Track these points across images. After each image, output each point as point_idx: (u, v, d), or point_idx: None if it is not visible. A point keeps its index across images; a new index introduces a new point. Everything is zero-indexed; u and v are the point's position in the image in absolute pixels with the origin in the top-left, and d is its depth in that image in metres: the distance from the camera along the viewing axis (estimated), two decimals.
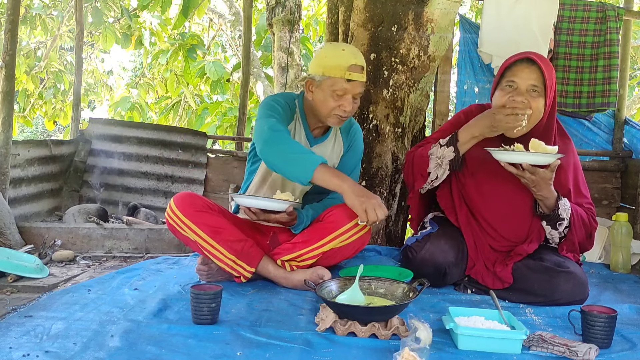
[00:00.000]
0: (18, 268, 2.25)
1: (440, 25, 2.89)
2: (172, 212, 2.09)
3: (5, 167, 3.10)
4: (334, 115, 2.16)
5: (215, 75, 6.94)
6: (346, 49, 2.16)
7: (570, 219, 2.07)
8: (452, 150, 2.11)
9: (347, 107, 2.13)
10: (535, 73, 2.05)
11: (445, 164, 2.13)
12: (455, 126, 2.25)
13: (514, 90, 2.07)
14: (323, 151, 2.29)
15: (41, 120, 10.97)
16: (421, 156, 2.19)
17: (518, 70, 2.07)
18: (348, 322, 1.64)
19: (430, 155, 2.16)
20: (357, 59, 2.13)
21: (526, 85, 2.05)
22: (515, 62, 2.10)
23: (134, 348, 1.50)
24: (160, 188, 4.16)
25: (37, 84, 7.68)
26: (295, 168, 1.99)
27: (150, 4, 6.10)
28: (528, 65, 2.07)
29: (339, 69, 2.10)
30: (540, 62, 2.06)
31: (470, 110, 2.33)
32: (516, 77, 2.07)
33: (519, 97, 2.04)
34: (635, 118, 7.07)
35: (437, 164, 2.15)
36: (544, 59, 2.10)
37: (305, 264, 2.14)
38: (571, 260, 2.13)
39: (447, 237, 2.16)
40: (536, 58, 2.07)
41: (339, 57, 2.12)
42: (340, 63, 2.10)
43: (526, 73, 2.06)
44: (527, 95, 2.05)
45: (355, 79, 2.11)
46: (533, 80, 2.05)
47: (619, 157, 3.60)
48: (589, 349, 1.52)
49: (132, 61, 12.81)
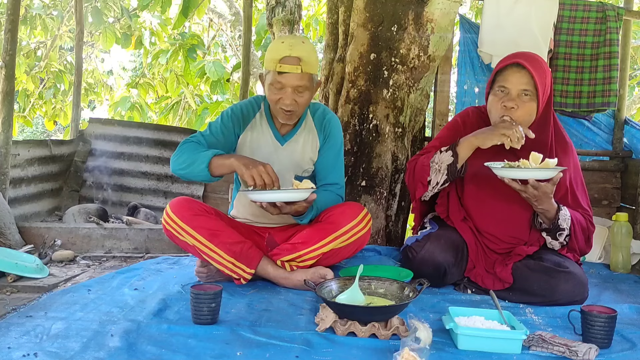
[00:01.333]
0: (18, 268, 2.25)
1: (440, 25, 2.89)
2: (169, 218, 2.08)
3: (5, 167, 3.10)
4: (279, 109, 2.13)
5: (215, 75, 6.93)
6: (286, 40, 2.09)
7: (571, 227, 2.08)
8: (451, 155, 2.10)
9: (286, 100, 2.09)
10: (525, 77, 2.06)
11: (443, 169, 2.13)
12: (452, 131, 2.26)
13: (505, 95, 2.07)
14: (295, 147, 2.26)
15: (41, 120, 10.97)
16: (422, 165, 2.18)
17: (508, 75, 2.08)
18: (348, 322, 1.64)
19: (431, 164, 2.15)
20: (293, 51, 2.06)
21: (517, 90, 2.06)
22: (506, 66, 2.09)
23: (134, 348, 1.50)
24: (160, 188, 4.16)
25: (37, 84, 7.67)
26: (194, 168, 2.03)
27: (150, 4, 6.09)
28: (518, 70, 2.07)
29: (272, 62, 2.07)
30: (529, 67, 2.05)
31: (467, 114, 2.33)
32: (507, 82, 2.07)
33: (510, 103, 2.05)
34: (635, 118, 7.07)
35: (436, 169, 2.15)
36: (534, 62, 2.08)
37: (305, 265, 2.13)
38: (571, 260, 2.13)
39: (447, 237, 2.16)
40: (525, 62, 2.06)
41: (274, 49, 2.09)
42: (274, 56, 2.07)
43: (516, 78, 2.06)
44: (519, 100, 2.06)
45: (286, 70, 2.05)
46: (524, 85, 2.06)
47: (619, 157, 3.59)
48: (589, 349, 1.52)
49: (132, 61, 12.79)
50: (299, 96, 2.11)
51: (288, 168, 2.23)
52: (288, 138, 2.26)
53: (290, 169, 2.23)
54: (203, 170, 2.02)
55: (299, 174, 2.26)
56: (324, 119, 2.30)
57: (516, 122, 2.02)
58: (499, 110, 2.08)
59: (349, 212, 2.14)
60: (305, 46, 2.10)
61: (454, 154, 2.10)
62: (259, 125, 2.26)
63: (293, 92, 2.09)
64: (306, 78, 2.10)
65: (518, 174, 1.93)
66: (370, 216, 2.19)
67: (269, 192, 1.93)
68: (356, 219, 2.13)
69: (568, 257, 2.14)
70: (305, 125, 2.29)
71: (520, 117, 2.06)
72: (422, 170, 2.18)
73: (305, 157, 2.27)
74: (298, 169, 2.26)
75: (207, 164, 2.01)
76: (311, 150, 2.29)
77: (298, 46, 2.07)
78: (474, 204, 2.21)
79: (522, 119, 2.07)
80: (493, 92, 2.13)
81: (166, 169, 4.18)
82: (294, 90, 2.09)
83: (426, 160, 2.17)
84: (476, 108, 2.37)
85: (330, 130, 2.29)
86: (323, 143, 2.29)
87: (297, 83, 2.08)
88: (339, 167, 2.33)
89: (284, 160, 2.24)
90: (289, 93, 2.08)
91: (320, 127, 2.29)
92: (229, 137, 2.22)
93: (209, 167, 2.02)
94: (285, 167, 2.22)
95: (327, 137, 2.29)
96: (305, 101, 2.14)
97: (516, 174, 1.93)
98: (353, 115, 2.97)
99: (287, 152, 2.25)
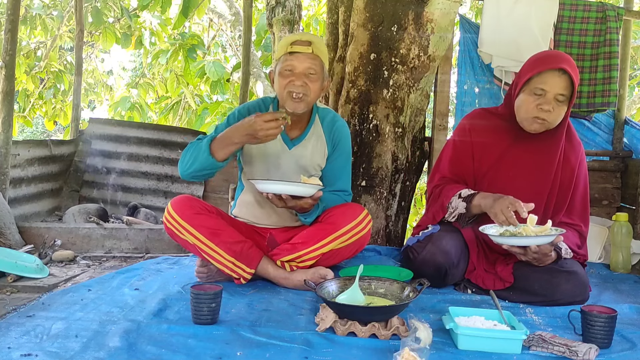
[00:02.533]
0: (18, 268, 2.25)
1: (440, 25, 2.89)
2: (170, 216, 2.08)
3: (5, 167, 3.10)
4: (287, 94, 2.12)
5: (215, 75, 6.92)
6: (297, 32, 2.19)
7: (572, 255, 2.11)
8: (464, 207, 2.13)
9: (297, 81, 2.09)
10: (565, 82, 2.05)
11: (455, 214, 2.17)
12: (460, 142, 2.27)
13: (542, 97, 2.07)
14: (303, 152, 2.26)
15: (41, 120, 10.96)
16: (442, 206, 2.21)
17: (549, 78, 2.06)
18: (348, 322, 1.64)
19: (448, 206, 2.18)
20: (304, 36, 2.15)
21: (554, 93, 2.06)
22: (547, 70, 2.06)
23: (134, 348, 1.50)
24: (160, 188, 4.16)
25: (37, 84, 7.66)
26: (198, 160, 2.04)
27: (150, 4, 6.09)
28: (560, 74, 2.05)
29: (283, 47, 2.14)
30: (571, 72, 2.05)
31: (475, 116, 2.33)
32: (546, 85, 2.06)
33: (546, 106, 2.05)
34: (635, 118, 7.06)
35: (450, 212, 2.18)
36: (574, 67, 2.08)
37: (305, 265, 2.13)
38: (573, 261, 2.13)
39: (448, 238, 2.16)
40: (569, 69, 2.05)
41: (285, 38, 2.18)
42: (285, 42, 2.15)
43: (557, 82, 2.05)
44: (554, 103, 2.06)
45: (298, 50, 2.09)
46: (562, 90, 2.05)
47: (619, 157, 3.59)
48: (589, 349, 1.52)
49: (132, 61, 12.79)
50: (310, 81, 2.12)
51: (295, 171, 2.23)
52: (296, 142, 2.26)
53: (296, 172, 2.23)
54: (207, 157, 2.02)
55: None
56: (333, 125, 2.30)
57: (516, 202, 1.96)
58: (532, 110, 2.08)
59: (349, 213, 2.14)
60: (316, 36, 2.19)
61: (467, 207, 2.12)
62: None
63: (304, 75, 2.11)
64: (317, 62, 2.13)
65: (518, 242, 1.94)
66: (370, 217, 2.19)
67: (276, 182, 1.95)
68: (356, 220, 2.12)
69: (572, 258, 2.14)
70: (314, 131, 2.29)
71: (553, 120, 2.08)
72: (440, 209, 2.21)
73: (312, 162, 2.27)
74: (305, 173, 2.26)
75: (208, 149, 2.02)
76: (319, 157, 2.29)
77: (309, 35, 2.16)
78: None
79: (553, 121, 2.09)
80: (527, 92, 2.10)
81: (166, 169, 4.18)
82: (304, 73, 2.11)
83: (445, 201, 2.19)
84: (485, 110, 2.36)
85: (339, 138, 2.30)
86: (332, 150, 2.29)
87: (308, 64, 2.10)
88: (346, 174, 2.34)
89: (291, 164, 2.24)
90: (300, 74, 2.10)
91: (329, 134, 2.29)
92: None
93: (211, 152, 2.02)
94: (292, 170, 2.23)
95: (336, 145, 2.30)
96: (316, 89, 2.14)
97: (517, 241, 1.94)
98: (353, 115, 2.97)
99: (295, 156, 2.25)
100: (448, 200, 2.18)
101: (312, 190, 1.97)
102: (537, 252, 1.95)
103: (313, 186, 1.97)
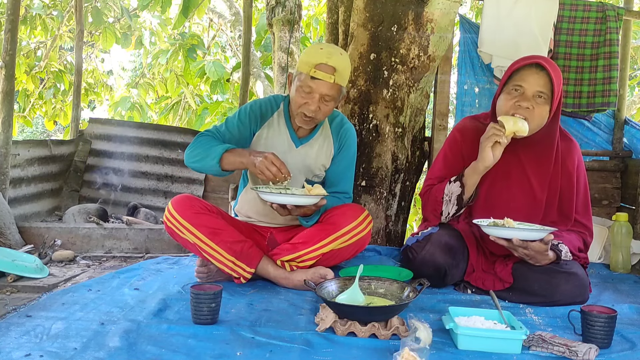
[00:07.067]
0: (18, 268, 2.25)
1: (440, 25, 2.89)
2: (171, 215, 2.08)
3: (5, 167, 3.10)
4: (299, 112, 2.13)
5: (215, 75, 6.93)
6: (325, 48, 2.11)
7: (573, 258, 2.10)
8: (459, 186, 2.12)
9: (312, 105, 2.09)
10: (543, 79, 2.03)
11: (453, 200, 2.14)
12: (452, 147, 2.26)
13: (520, 95, 2.05)
14: (309, 151, 2.27)
15: (41, 120, 10.97)
16: (435, 199, 2.20)
17: (526, 75, 2.05)
18: (348, 322, 1.64)
19: (443, 198, 2.17)
20: (331, 60, 2.07)
21: (533, 90, 2.04)
22: (524, 66, 2.06)
23: (134, 348, 1.50)
24: (160, 188, 4.17)
25: (37, 84, 7.66)
26: (206, 162, 2.07)
27: (150, 4, 6.10)
28: (537, 71, 2.04)
29: (308, 65, 2.08)
30: (549, 69, 2.03)
31: (464, 126, 2.30)
32: (524, 82, 2.04)
33: (525, 103, 2.03)
34: (635, 118, 7.07)
35: (447, 200, 2.16)
36: (553, 65, 2.07)
37: (305, 265, 2.13)
38: (573, 262, 2.12)
39: (448, 238, 2.15)
40: (546, 64, 2.04)
41: (312, 54, 2.10)
42: (310, 60, 2.08)
43: (534, 78, 2.03)
44: (533, 101, 2.04)
45: (320, 77, 2.06)
46: (540, 87, 2.03)
47: (619, 157, 3.59)
48: (589, 349, 1.52)
49: (132, 61, 12.80)
50: (324, 104, 2.12)
51: (300, 170, 2.24)
52: (304, 141, 2.27)
53: (301, 171, 2.25)
54: (214, 165, 2.05)
55: (309, 178, 2.28)
56: (341, 127, 2.32)
57: (504, 128, 1.99)
58: (510, 108, 2.05)
59: (350, 213, 2.14)
60: (343, 58, 2.11)
61: (461, 185, 2.11)
62: (276, 124, 2.27)
63: (320, 100, 2.10)
64: (336, 89, 2.11)
65: (504, 233, 1.94)
66: (370, 218, 2.20)
67: (281, 194, 1.97)
68: (356, 220, 2.13)
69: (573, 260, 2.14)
70: (322, 132, 2.30)
71: (534, 119, 2.04)
72: (435, 203, 2.20)
73: (317, 162, 2.28)
74: (309, 173, 2.27)
75: (218, 159, 2.04)
76: (325, 157, 2.30)
77: (336, 56, 2.09)
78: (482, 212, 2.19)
79: (534, 122, 2.05)
80: (506, 90, 2.09)
81: (166, 169, 4.18)
82: (321, 98, 2.10)
83: (439, 194, 2.18)
84: (473, 118, 2.34)
85: (346, 140, 2.31)
86: (337, 152, 2.31)
87: (327, 92, 2.09)
88: (349, 177, 2.35)
89: (297, 162, 2.24)
90: (315, 99, 2.09)
91: (336, 135, 2.31)
92: (244, 133, 2.23)
93: (220, 162, 2.05)
94: (297, 168, 2.23)
95: (342, 147, 2.31)
96: (328, 110, 2.15)
97: (503, 232, 1.94)
98: (353, 115, 2.97)
99: (301, 155, 2.26)
100: (442, 194, 2.16)
101: (315, 200, 1.99)
102: (525, 247, 1.94)
103: (317, 197, 1.99)
